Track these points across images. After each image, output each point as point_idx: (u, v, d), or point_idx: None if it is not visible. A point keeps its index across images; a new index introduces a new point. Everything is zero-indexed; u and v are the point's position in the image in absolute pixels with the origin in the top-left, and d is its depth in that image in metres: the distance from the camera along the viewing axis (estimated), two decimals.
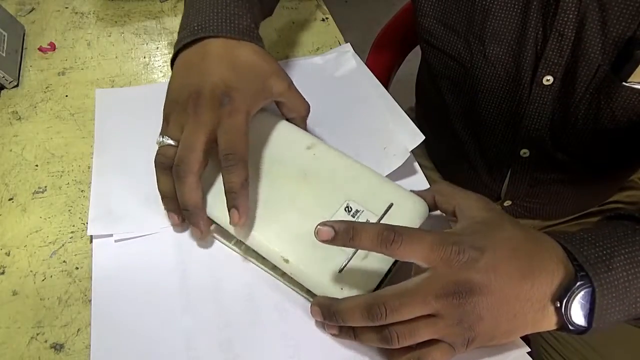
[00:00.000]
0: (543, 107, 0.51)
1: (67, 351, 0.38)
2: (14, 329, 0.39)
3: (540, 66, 0.49)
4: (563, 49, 0.47)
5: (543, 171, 0.57)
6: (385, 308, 0.33)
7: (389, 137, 0.50)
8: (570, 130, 0.52)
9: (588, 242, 0.34)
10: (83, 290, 0.41)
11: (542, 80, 0.49)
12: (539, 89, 0.50)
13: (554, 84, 0.49)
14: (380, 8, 0.67)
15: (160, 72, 0.61)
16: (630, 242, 0.34)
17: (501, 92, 0.53)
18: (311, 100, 0.48)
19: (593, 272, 0.33)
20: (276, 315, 0.39)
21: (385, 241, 0.33)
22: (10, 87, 0.59)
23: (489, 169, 0.61)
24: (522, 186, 0.60)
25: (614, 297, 0.33)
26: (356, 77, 0.58)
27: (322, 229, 0.34)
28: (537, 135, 0.54)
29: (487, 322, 0.33)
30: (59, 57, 0.63)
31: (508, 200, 0.63)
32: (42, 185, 0.49)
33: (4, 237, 0.45)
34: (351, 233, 0.34)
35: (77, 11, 0.70)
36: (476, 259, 0.33)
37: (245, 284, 0.41)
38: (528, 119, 0.53)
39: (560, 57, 0.47)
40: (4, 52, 0.59)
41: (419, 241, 0.33)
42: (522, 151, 0.56)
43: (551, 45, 0.47)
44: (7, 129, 0.54)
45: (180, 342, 0.37)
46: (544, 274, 0.33)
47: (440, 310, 0.32)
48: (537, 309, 0.33)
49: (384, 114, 0.53)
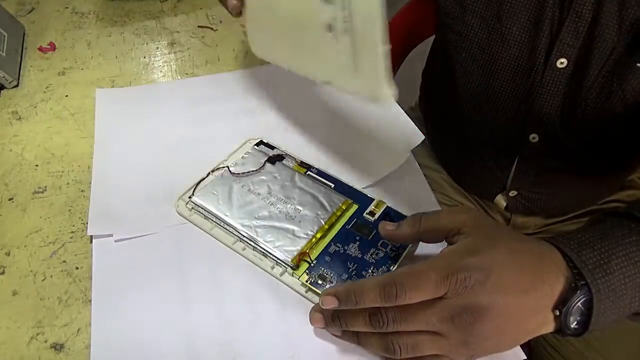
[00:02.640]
0: (555, 91, 0.51)
1: (67, 351, 0.38)
2: (14, 329, 0.39)
3: (555, 48, 0.48)
4: (579, 31, 0.46)
5: (550, 158, 0.57)
6: (389, 319, 0.33)
7: (388, 137, 0.50)
8: (580, 115, 0.51)
9: (586, 245, 0.34)
10: (83, 290, 0.41)
11: (556, 63, 0.49)
12: (552, 72, 0.50)
13: (567, 67, 0.49)
14: None
15: (160, 72, 0.61)
16: (627, 242, 0.34)
17: (515, 74, 0.53)
18: (311, 100, 0.48)
19: (591, 278, 0.33)
20: (276, 315, 0.39)
21: (389, 297, 0.32)
22: (10, 87, 0.59)
23: (496, 156, 0.60)
24: (529, 174, 0.59)
25: (611, 300, 0.33)
26: None
27: (325, 299, 0.34)
28: (547, 119, 0.53)
29: (491, 341, 0.33)
30: (59, 57, 0.63)
31: (513, 190, 0.62)
32: (42, 185, 0.49)
33: (4, 237, 0.45)
34: (354, 298, 0.33)
35: (77, 11, 0.70)
36: (482, 282, 0.32)
37: (245, 284, 0.41)
38: (539, 102, 0.52)
39: (576, 40, 0.47)
40: (4, 52, 0.59)
41: (424, 284, 0.32)
42: (532, 136, 0.55)
43: (567, 27, 0.47)
44: (7, 129, 0.54)
45: (180, 343, 0.37)
46: (546, 286, 0.33)
47: (445, 331, 0.32)
48: (539, 320, 0.33)
49: (384, 113, 0.53)
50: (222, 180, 0.46)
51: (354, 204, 0.44)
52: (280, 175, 0.46)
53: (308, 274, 0.39)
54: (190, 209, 0.45)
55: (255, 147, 0.50)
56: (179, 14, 0.71)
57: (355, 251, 0.41)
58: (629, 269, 0.33)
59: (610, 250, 0.34)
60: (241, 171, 0.47)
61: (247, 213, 0.43)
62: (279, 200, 0.44)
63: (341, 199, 0.44)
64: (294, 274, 0.40)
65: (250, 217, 0.43)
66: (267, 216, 0.43)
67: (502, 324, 0.32)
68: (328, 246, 0.41)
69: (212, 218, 0.43)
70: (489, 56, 0.53)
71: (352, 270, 0.39)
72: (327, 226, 0.42)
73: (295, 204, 0.44)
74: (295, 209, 0.43)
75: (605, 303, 0.33)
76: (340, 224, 0.43)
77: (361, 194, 0.45)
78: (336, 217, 0.43)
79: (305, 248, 0.41)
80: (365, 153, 0.50)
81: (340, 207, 0.43)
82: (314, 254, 0.41)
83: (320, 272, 0.39)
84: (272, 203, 0.44)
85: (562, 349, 0.59)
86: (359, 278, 0.38)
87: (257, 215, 0.43)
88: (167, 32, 0.67)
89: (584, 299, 0.33)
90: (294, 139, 0.51)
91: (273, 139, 0.51)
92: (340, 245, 0.41)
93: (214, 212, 0.43)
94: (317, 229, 0.42)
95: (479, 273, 0.32)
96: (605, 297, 0.32)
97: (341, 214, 0.43)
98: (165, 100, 0.57)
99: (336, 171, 0.47)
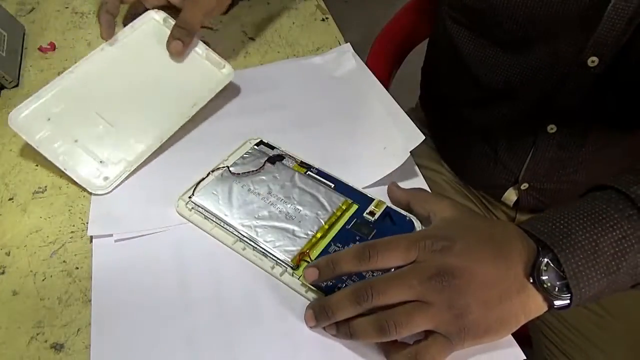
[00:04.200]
0: (582, 88, 0.50)
1: (67, 351, 0.38)
2: (14, 329, 0.39)
3: (589, 46, 0.47)
4: (615, 30, 0.45)
5: (566, 149, 0.56)
6: (372, 290, 0.34)
7: (388, 137, 0.50)
8: (603, 115, 0.51)
9: (544, 218, 0.37)
10: (83, 290, 0.41)
11: (587, 60, 0.48)
12: (582, 70, 0.48)
13: (598, 66, 0.48)
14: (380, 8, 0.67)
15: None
16: (589, 209, 0.36)
17: (541, 71, 0.52)
18: (311, 100, 0.48)
19: (550, 240, 0.35)
20: (276, 315, 0.39)
21: (363, 259, 0.35)
22: (10, 87, 0.59)
23: (511, 147, 0.59)
24: (543, 164, 0.58)
25: (582, 258, 0.34)
26: (356, 77, 0.58)
27: (307, 271, 0.37)
28: (568, 113, 0.52)
29: (475, 310, 0.34)
30: (59, 57, 0.63)
31: (525, 182, 0.61)
32: (42, 185, 0.49)
33: (4, 237, 0.45)
34: (332, 265, 0.36)
35: (77, 11, 0.70)
36: (449, 247, 0.35)
37: (245, 284, 0.41)
38: (563, 97, 0.51)
39: (611, 38, 0.45)
40: (4, 52, 0.59)
41: (394, 248, 0.35)
42: (550, 126, 0.54)
43: (604, 25, 0.45)
44: (7, 129, 0.54)
45: (180, 342, 0.37)
46: (514, 254, 0.35)
47: (426, 294, 0.34)
48: (518, 290, 0.35)
49: (384, 114, 0.53)
50: (222, 180, 0.46)
51: (354, 204, 0.44)
52: (280, 175, 0.46)
53: None
54: (191, 209, 0.45)
55: (255, 147, 0.50)
56: None
57: None
58: (594, 229, 0.35)
59: (570, 218, 0.36)
60: (241, 171, 0.47)
61: (247, 213, 0.43)
62: (279, 200, 0.44)
63: (341, 199, 0.44)
64: (294, 274, 0.40)
65: (250, 217, 0.43)
66: (267, 216, 0.43)
67: (480, 290, 0.34)
68: (328, 246, 0.41)
69: (212, 218, 0.43)
70: (513, 55, 0.52)
71: None
72: (327, 226, 0.42)
73: (295, 204, 0.44)
74: (295, 209, 0.43)
75: (575, 261, 0.34)
76: (340, 224, 0.43)
77: (361, 194, 0.45)
78: (336, 217, 0.43)
79: (305, 248, 0.41)
80: (365, 153, 0.50)
81: (340, 207, 0.43)
82: (314, 254, 0.41)
83: None
84: (272, 203, 0.44)
85: (566, 347, 0.59)
86: (359, 279, 0.38)
87: (257, 215, 0.43)
88: None
89: (547, 258, 0.35)
90: (293, 139, 0.51)
91: (273, 139, 0.51)
92: (340, 245, 0.41)
93: (214, 212, 0.43)
94: (317, 229, 0.42)
95: (446, 240, 0.35)
96: (572, 256, 0.34)
97: (341, 214, 0.43)
98: None
99: (336, 171, 0.47)
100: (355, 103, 0.55)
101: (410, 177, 0.49)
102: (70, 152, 0.48)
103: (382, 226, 0.42)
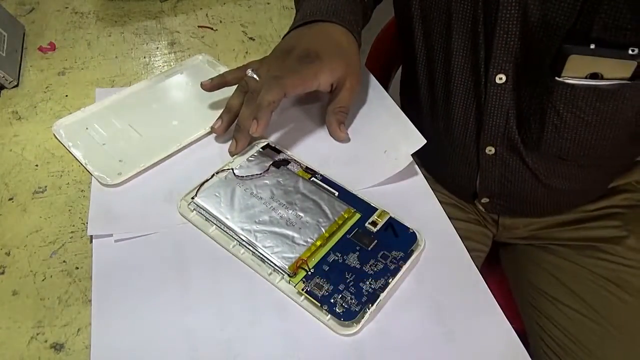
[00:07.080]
0: (500, 106, 0.51)
1: (67, 351, 0.38)
2: (14, 329, 0.39)
3: (491, 65, 0.49)
4: (510, 46, 0.47)
5: (511, 170, 0.57)
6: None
7: (389, 140, 0.50)
8: (528, 129, 0.52)
9: None
10: (83, 290, 0.41)
11: (494, 78, 0.49)
12: (494, 88, 0.50)
13: (507, 83, 0.49)
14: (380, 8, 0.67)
15: (160, 72, 0.61)
16: None
17: (465, 88, 0.53)
18: (311, 101, 0.48)
19: None
20: (276, 315, 0.39)
21: None
22: (10, 87, 0.59)
23: (462, 166, 0.61)
24: (493, 184, 0.60)
25: None
26: None
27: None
28: (499, 133, 0.54)
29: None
30: (59, 57, 0.63)
31: (484, 197, 0.62)
32: (42, 185, 0.49)
33: (4, 237, 0.45)
34: None
35: (77, 11, 0.70)
36: None
37: (245, 284, 0.41)
38: (488, 117, 0.53)
39: (509, 55, 0.47)
40: (4, 52, 0.59)
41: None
42: (488, 149, 0.56)
43: (498, 42, 0.47)
44: (7, 129, 0.54)
45: (180, 343, 0.37)
46: None
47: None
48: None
49: (384, 116, 0.53)
50: (225, 182, 0.46)
51: (356, 213, 0.43)
52: (284, 180, 0.46)
53: (305, 282, 0.39)
54: (192, 209, 0.45)
55: (262, 150, 0.49)
56: (179, 14, 0.71)
57: (354, 261, 0.40)
58: None
59: None
60: (246, 174, 0.47)
61: (248, 217, 0.43)
62: (280, 206, 0.44)
63: (344, 207, 0.43)
64: (290, 281, 0.39)
65: (251, 222, 0.43)
66: (267, 221, 0.43)
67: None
68: (327, 255, 0.40)
69: (213, 220, 0.43)
70: (445, 68, 0.54)
71: (349, 281, 0.39)
72: (327, 234, 0.41)
73: (297, 210, 0.43)
74: (296, 215, 0.43)
75: None
76: (341, 233, 0.42)
77: (364, 202, 0.44)
78: (337, 226, 0.42)
79: (304, 256, 0.40)
80: (365, 156, 0.49)
81: (342, 216, 0.43)
82: (312, 262, 0.40)
83: (317, 281, 0.39)
84: (273, 208, 0.44)
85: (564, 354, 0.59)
86: (357, 289, 0.38)
87: (258, 219, 0.43)
88: (167, 32, 0.67)
89: None
90: (296, 142, 0.51)
91: (273, 140, 0.51)
92: (339, 255, 0.40)
93: (215, 214, 0.43)
94: (317, 237, 0.41)
95: None
96: None
97: (343, 222, 0.43)
98: None
99: (338, 172, 0.47)
100: (355, 105, 0.55)
101: (410, 178, 0.49)
102: (94, 149, 0.51)
103: (384, 237, 0.42)
